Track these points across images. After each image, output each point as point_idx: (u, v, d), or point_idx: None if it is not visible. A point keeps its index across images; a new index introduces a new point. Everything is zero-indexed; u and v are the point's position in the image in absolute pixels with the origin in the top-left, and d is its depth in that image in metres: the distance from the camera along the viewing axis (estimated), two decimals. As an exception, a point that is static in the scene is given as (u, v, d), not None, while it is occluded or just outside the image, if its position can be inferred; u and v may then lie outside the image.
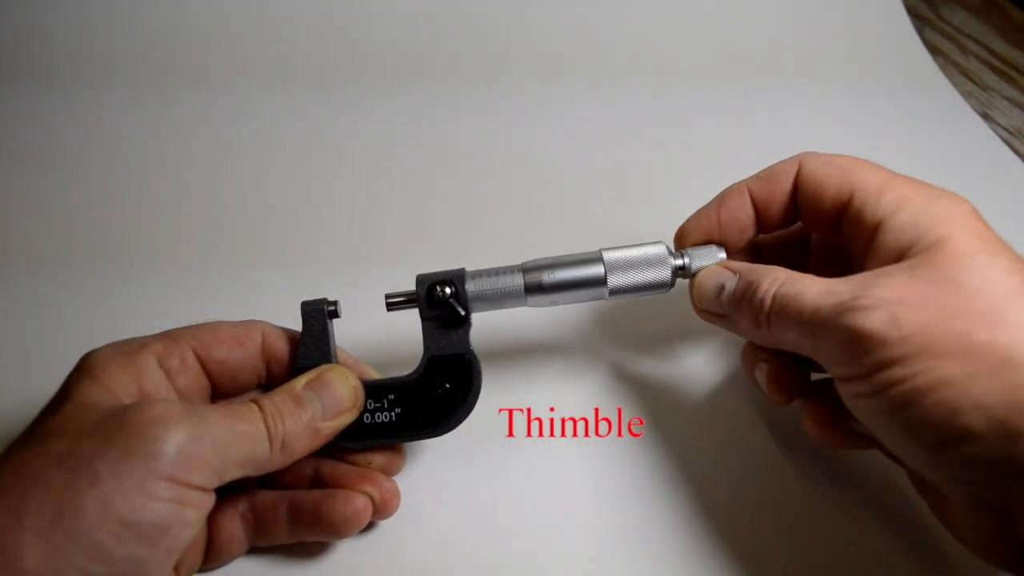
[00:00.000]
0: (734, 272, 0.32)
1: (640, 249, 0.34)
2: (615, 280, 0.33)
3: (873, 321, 0.25)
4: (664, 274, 0.34)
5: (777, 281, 0.29)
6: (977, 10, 0.71)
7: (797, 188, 0.33)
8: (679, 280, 0.34)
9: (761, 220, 0.34)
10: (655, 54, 0.64)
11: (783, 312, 0.28)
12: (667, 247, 0.34)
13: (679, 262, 0.34)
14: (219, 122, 0.58)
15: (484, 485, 0.35)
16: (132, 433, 0.26)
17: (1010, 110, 0.60)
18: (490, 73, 0.62)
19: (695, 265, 0.34)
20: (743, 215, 0.34)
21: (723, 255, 0.34)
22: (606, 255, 0.34)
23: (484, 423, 0.36)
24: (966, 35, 0.68)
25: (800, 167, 0.32)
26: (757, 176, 0.34)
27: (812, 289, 0.28)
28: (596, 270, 0.33)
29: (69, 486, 0.25)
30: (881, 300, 0.25)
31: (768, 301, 0.29)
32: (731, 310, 0.32)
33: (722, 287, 0.32)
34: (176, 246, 0.48)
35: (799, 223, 0.34)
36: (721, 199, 0.34)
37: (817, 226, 0.33)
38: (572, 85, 0.61)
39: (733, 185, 0.34)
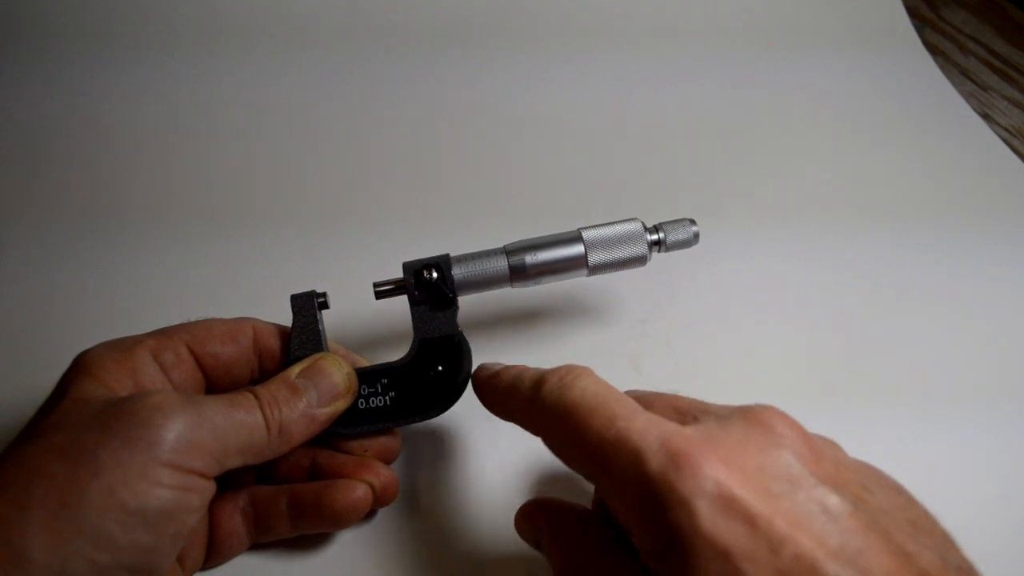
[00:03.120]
0: (543, 528, 0.28)
1: (617, 227, 0.35)
2: (595, 257, 0.35)
3: None
4: (641, 249, 0.35)
5: None
6: (977, 10, 0.72)
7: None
8: (655, 254, 0.36)
9: None
10: (645, 22, 0.64)
11: None
12: (642, 223, 0.36)
13: (654, 237, 0.36)
14: (197, 91, 0.57)
15: (483, 476, 0.36)
16: (132, 422, 0.26)
17: (1010, 110, 0.61)
18: (481, 41, 0.62)
19: (670, 239, 0.36)
20: None
21: (696, 228, 0.36)
22: (585, 234, 0.35)
23: (483, 413, 0.37)
24: (966, 35, 0.69)
25: None
26: None
27: None
28: (576, 249, 0.35)
29: (72, 476, 0.25)
30: None
31: None
32: None
33: (537, 543, 0.29)
34: (154, 237, 0.48)
35: None
36: None
37: None
38: (563, 54, 0.62)
39: None
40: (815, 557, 0.20)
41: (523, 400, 0.28)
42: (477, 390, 0.32)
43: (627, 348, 0.41)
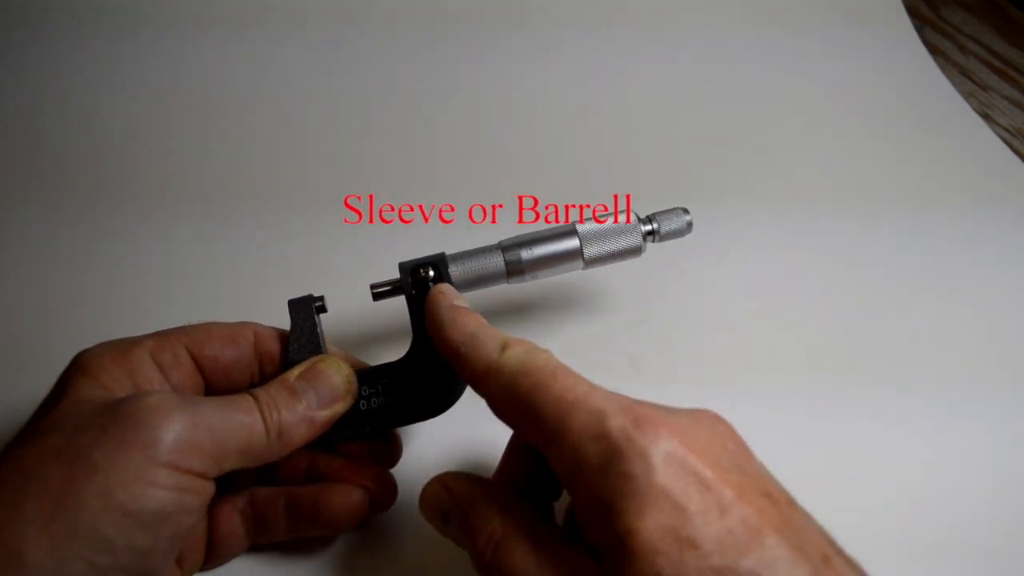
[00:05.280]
0: (455, 502, 0.28)
1: (611, 219, 0.35)
2: (590, 250, 0.35)
3: None
4: (636, 240, 0.35)
5: (491, 542, 0.26)
6: (977, 10, 0.72)
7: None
8: (650, 244, 0.36)
9: None
10: (640, 5, 0.65)
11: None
12: (636, 214, 0.36)
13: (648, 227, 0.36)
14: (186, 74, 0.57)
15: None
16: (129, 423, 0.26)
17: (1010, 110, 0.61)
18: (477, 26, 0.63)
19: (664, 229, 0.36)
20: None
21: (689, 217, 0.36)
22: (579, 227, 0.35)
23: (484, 414, 0.37)
24: (966, 35, 0.69)
25: None
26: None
27: (524, 565, 0.25)
28: (571, 242, 0.35)
29: (68, 478, 0.25)
30: None
31: (487, 556, 0.26)
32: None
33: (446, 517, 0.29)
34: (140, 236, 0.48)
35: None
36: None
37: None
38: (556, 40, 0.62)
39: None
40: (760, 526, 0.22)
41: (483, 354, 0.28)
42: (431, 312, 0.31)
43: (627, 347, 0.41)
